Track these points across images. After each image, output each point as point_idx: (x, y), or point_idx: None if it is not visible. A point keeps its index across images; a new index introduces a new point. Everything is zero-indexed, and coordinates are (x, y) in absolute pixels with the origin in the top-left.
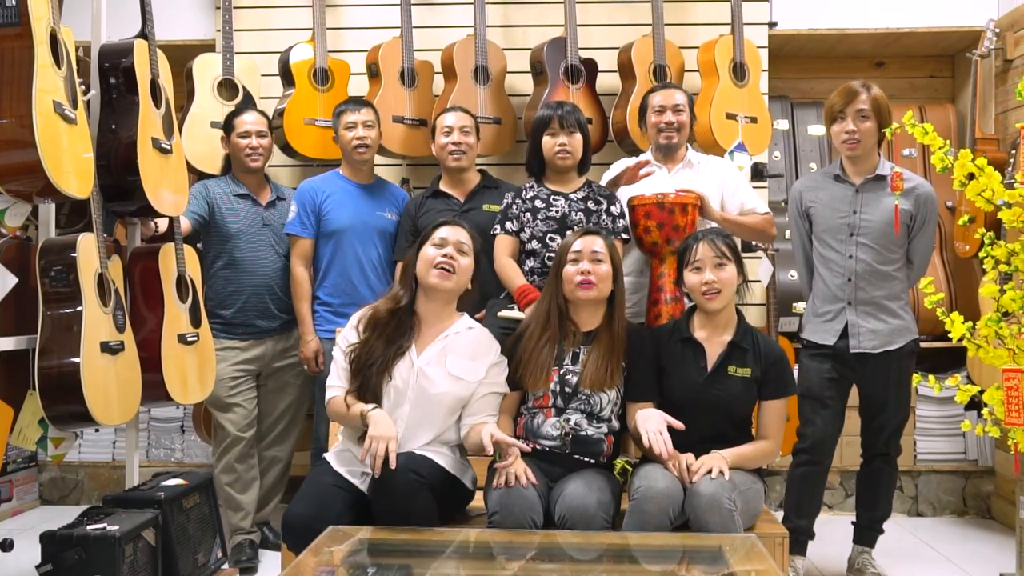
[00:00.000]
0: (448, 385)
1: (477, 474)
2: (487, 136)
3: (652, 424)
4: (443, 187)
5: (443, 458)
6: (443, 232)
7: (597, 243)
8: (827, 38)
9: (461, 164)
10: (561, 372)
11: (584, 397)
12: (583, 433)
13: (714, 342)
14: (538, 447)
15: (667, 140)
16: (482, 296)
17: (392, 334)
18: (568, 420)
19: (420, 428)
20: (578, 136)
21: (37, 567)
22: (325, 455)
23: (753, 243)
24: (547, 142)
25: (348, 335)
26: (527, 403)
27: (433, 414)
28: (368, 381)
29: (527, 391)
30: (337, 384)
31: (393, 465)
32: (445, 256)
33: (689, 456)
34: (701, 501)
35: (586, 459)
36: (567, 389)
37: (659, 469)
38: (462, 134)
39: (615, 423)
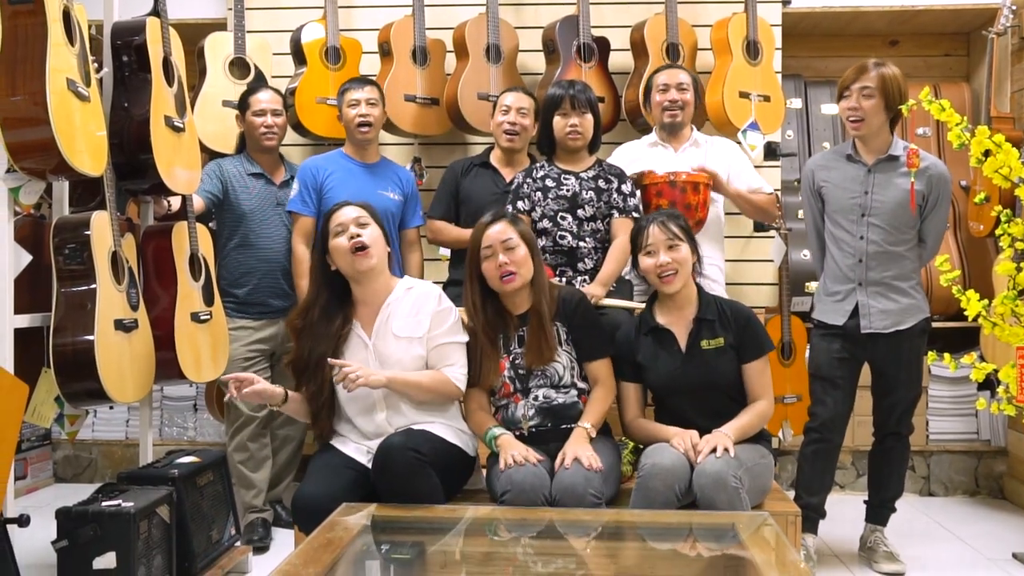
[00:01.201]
0: (400, 348)
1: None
2: None
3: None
4: (494, 161)
5: (442, 428)
6: (338, 218)
7: (506, 231)
8: (841, 16)
9: (514, 145)
10: (511, 358)
11: (539, 372)
12: (556, 403)
13: (680, 323)
14: (521, 432)
15: (671, 118)
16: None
17: (318, 332)
18: (536, 397)
19: (399, 401)
20: (589, 116)
21: (53, 543)
22: (330, 441)
23: (766, 224)
24: (558, 122)
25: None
26: (495, 395)
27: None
28: (315, 383)
29: (491, 388)
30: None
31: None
32: (352, 238)
33: (694, 433)
34: (708, 480)
35: (573, 427)
36: (521, 371)
37: (666, 447)
38: (519, 115)
39: (581, 384)
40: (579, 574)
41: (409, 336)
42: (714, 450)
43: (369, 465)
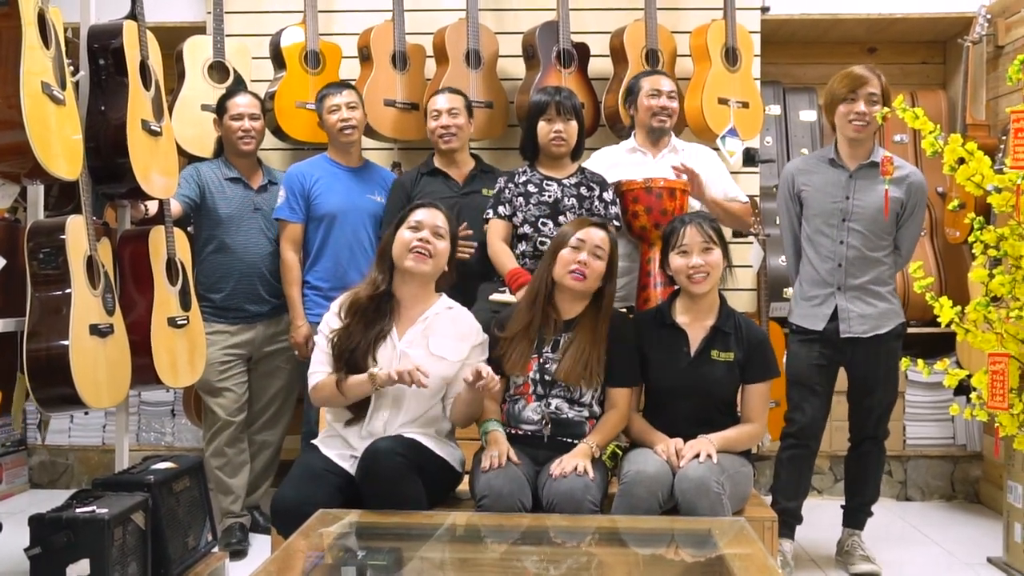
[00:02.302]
0: (430, 366)
1: (465, 457)
2: (479, 120)
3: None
4: (439, 165)
5: (431, 440)
6: (420, 215)
7: (606, 241)
8: (819, 23)
9: (452, 146)
10: (541, 360)
11: (563, 385)
12: (564, 416)
13: (697, 327)
14: (520, 432)
15: (660, 124)
16: (474, 279)
17: (372, 318)
18: (549, 405)
19: (405, 410)
20: (574, 123)
21: (26, 550)
22: (314, 441)
23: (743, 231)
24: (543, 128)
25: (330, 321)
26: (509, 390)
27: (419, 396)
28: (353, 366)
29: (508, 377)
30: (321, 370)
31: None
32: (421, 240)
33: (678, 440)
34: (690, 485)
35: (568, 440)
36: (547, 377)
37: (648, 453)
38: (450, 116)
39: (596, 408)
40: None
41: (443, 357)
42: (697, 455)
43: (352, 471)
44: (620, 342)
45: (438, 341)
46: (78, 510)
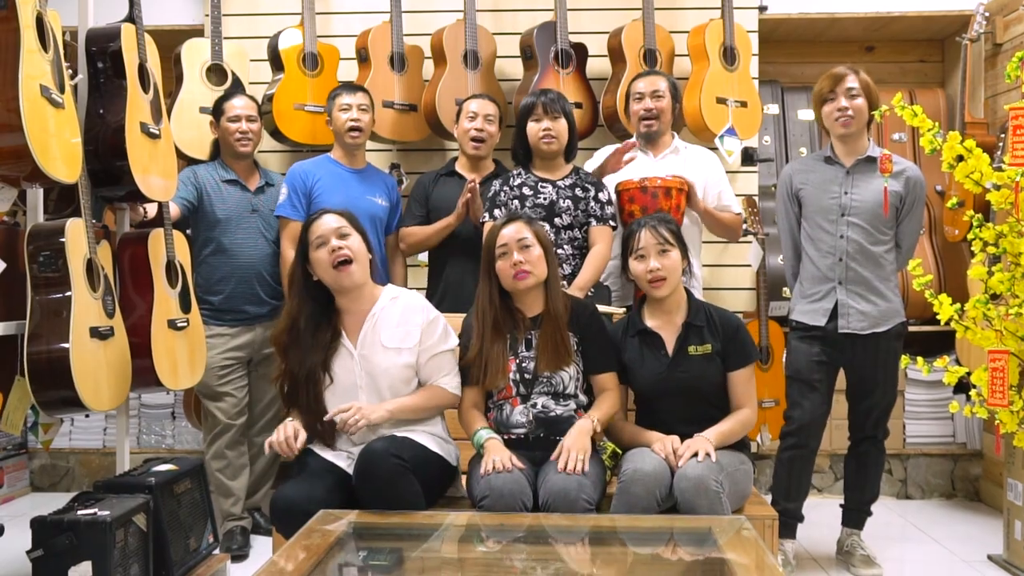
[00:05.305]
0: (388, 358)
1: (460, 452)
2: None
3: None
4: (459, 168)
5: (425, 437)
6: (318, 229)
7: (522, 230)
8: (817, 22)
9: (480, 152)
10: (518, 361)
11: (545, 379)
12: (552, 414)
13: (668, 327)
14: (512, 436)
15: (647, 128)
16: (471, 284)
17: (310, 344)
18: (535, 405)
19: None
20: (563, 121)
21: (28, 552)
22: (309, 445)
23: (735, 239)
24: (532, 127)
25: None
26: (492, 397)
27: (389, 393)
28: (306, 397)
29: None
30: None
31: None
32: (333, 251)
33: (675, 439)
34: (688, 484)
35: (561, 439)
36: (527, 376)
37: (647, 452)
38: (485, 121)
39: (581, 397)
40: None
41: (398, 347)
42: (695, 454)
43: (350, 470)
44: (588, 329)
45: (388, 333)
46: (80, 512)
